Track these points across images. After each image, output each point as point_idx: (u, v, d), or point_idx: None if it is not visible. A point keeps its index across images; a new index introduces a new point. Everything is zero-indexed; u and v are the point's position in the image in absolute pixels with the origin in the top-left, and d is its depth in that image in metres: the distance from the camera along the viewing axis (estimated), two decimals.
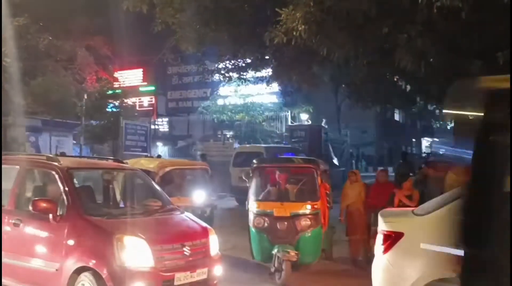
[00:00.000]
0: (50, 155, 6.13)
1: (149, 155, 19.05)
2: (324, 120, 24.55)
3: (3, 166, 5.90)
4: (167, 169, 7.96)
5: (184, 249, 5.06)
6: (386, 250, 4.55)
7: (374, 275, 4.70)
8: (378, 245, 4.71)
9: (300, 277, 6.51)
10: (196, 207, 7.64)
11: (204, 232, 5.47)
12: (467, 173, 5.94)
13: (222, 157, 18.39)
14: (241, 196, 14.74)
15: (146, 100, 32.83)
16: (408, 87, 12.70)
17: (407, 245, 4.48)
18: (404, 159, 13.72)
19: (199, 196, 8.09)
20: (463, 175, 6.24)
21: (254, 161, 7.59)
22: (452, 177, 6.72)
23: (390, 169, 25.24)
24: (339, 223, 8.33)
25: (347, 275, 7.25)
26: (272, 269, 6.61)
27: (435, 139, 49.00)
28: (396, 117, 43.57)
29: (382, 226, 4.73)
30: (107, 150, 22.24)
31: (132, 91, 28.70)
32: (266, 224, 6.80)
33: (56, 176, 5.38)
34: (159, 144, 29.37)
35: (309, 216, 6.75)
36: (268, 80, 14.10)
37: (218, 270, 5.41)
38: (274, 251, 6.56)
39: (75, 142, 22.61)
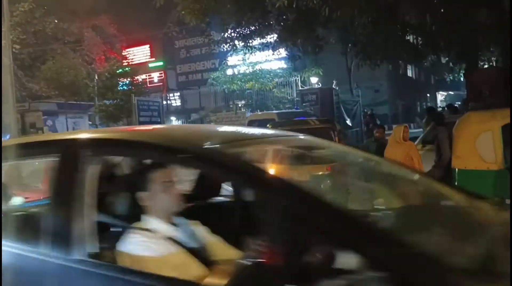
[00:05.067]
0: None
1: None
2: (334, 82, 24.36)
3: None
4: None
5: None
6: None
7: None
8: None
9: None
10: None
11: None
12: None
13: None
14: None
15: (156, 76, 33.06)
16: (417, 41, 12.53)
17: None
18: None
19: None
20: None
21: (268, 125, 7.37)
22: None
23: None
24: None
25: None
26: None
27: (450, 93, 48.35)
28: (409, 73, 42.96)
29: None
30: None
31: (141, 67, 28.92)
32: None
33: None
34: (173, 118, 29.65)
35: None
36: (273, 46, 14.00)
37: None
38: None
39: (90, 122, 23.03)
